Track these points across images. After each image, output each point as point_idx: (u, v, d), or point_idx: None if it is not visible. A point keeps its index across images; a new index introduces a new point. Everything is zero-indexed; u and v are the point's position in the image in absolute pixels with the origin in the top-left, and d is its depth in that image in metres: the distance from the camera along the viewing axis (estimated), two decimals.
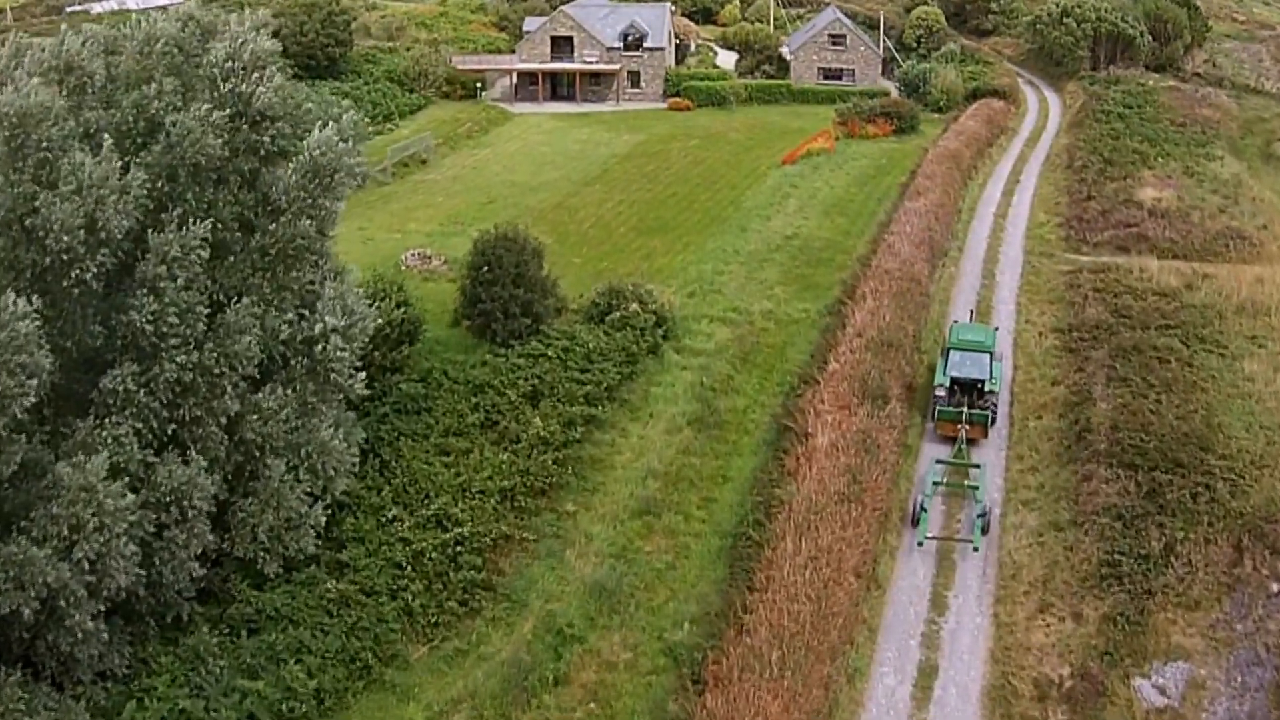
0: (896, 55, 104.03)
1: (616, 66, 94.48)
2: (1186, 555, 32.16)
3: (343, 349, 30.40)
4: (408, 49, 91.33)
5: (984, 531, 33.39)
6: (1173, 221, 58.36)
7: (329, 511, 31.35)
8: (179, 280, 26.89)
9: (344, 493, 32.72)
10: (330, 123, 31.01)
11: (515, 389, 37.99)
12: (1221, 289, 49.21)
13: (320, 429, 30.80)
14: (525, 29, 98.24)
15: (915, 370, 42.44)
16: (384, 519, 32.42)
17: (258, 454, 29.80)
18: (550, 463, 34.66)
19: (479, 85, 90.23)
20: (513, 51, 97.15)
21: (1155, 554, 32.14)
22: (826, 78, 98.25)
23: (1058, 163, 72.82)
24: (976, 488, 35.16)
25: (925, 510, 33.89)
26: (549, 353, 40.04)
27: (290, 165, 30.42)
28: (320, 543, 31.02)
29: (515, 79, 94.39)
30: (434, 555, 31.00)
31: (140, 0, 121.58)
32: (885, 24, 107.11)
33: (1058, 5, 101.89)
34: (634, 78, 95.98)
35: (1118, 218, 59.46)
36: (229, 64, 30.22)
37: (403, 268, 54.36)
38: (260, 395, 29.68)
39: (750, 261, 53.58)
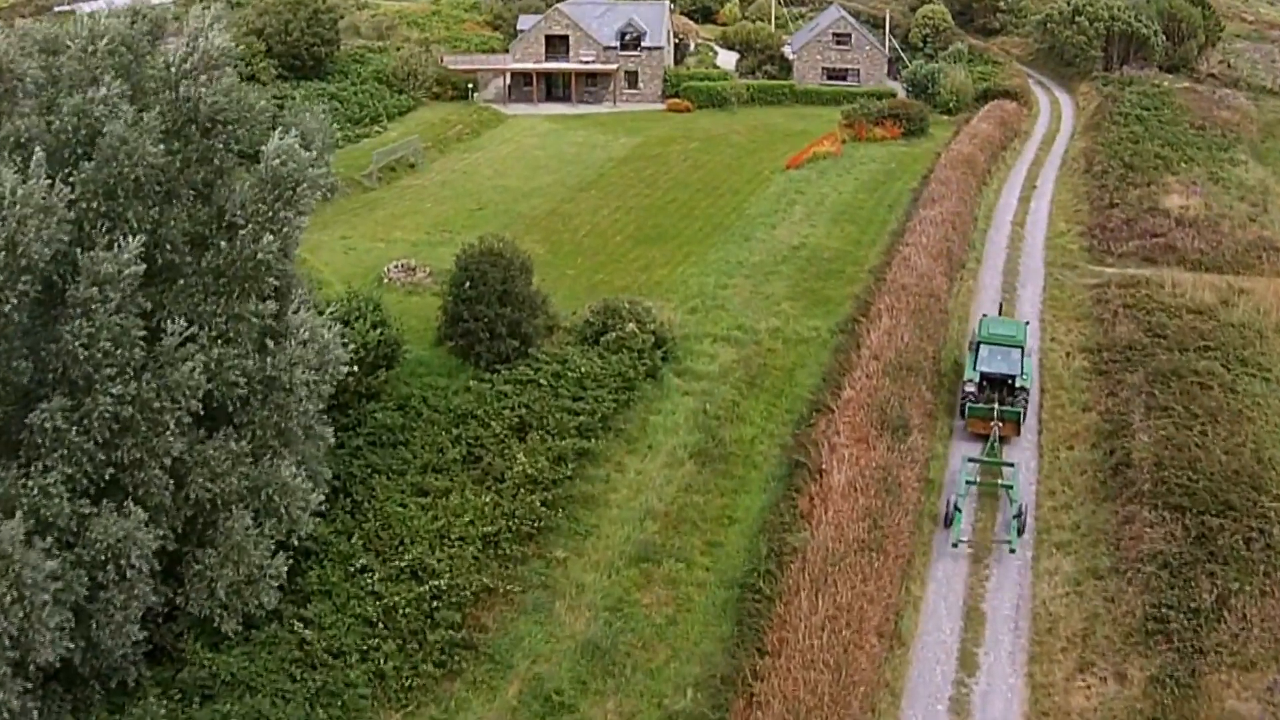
0: (903, 55, 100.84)
1: (613, 66, 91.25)
2: (1240, 609, 29.19)
3: (309, 391, 27.18)
4: (398, 49, 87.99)
5: (1020, 532, 32.09)
6: (1201, 231, 55.21)
7: (292, 560, 28.19)
8: (113, 302, 23.69)
9: (310, 538, 29.57)
10: (292, 128, 27.73)
11: (501, 420, 34.77)
12: (1259, 305, 46.11)
13: (281, 468, 27.61)
14: (519, 28, 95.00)
15: (937, 396, 39.27)
16: (353, 569, 29.26)
17: (211, 504, 26.64)
18: (538, 504, 31.44)
19: (471, 86, 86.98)
20: (506, 51, 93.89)
21: (1206, 607, 29.18)
22: (830, 78, 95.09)
23: (1075, 167, 69.64)
24: (1011, 486, 33.71)
25: (959, 510, 32.44)
26: (538, 378, 36.83)
27: (247, 176, 27.17)
28: (283, 596, 27.87)
29: (509, 79, 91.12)
30: (408, 610, 27.85)
31: (126, 1, 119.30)
32: (890, 23, 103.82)
33: (1069, 4, 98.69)
34: (631, 78, 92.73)
35: (1143, 227, 56.32)
36: (181, 64, 26.96)
37: (385, 280, 51.21)
38: (213, 441, 26.49)
39: (755, 274, 50.37)
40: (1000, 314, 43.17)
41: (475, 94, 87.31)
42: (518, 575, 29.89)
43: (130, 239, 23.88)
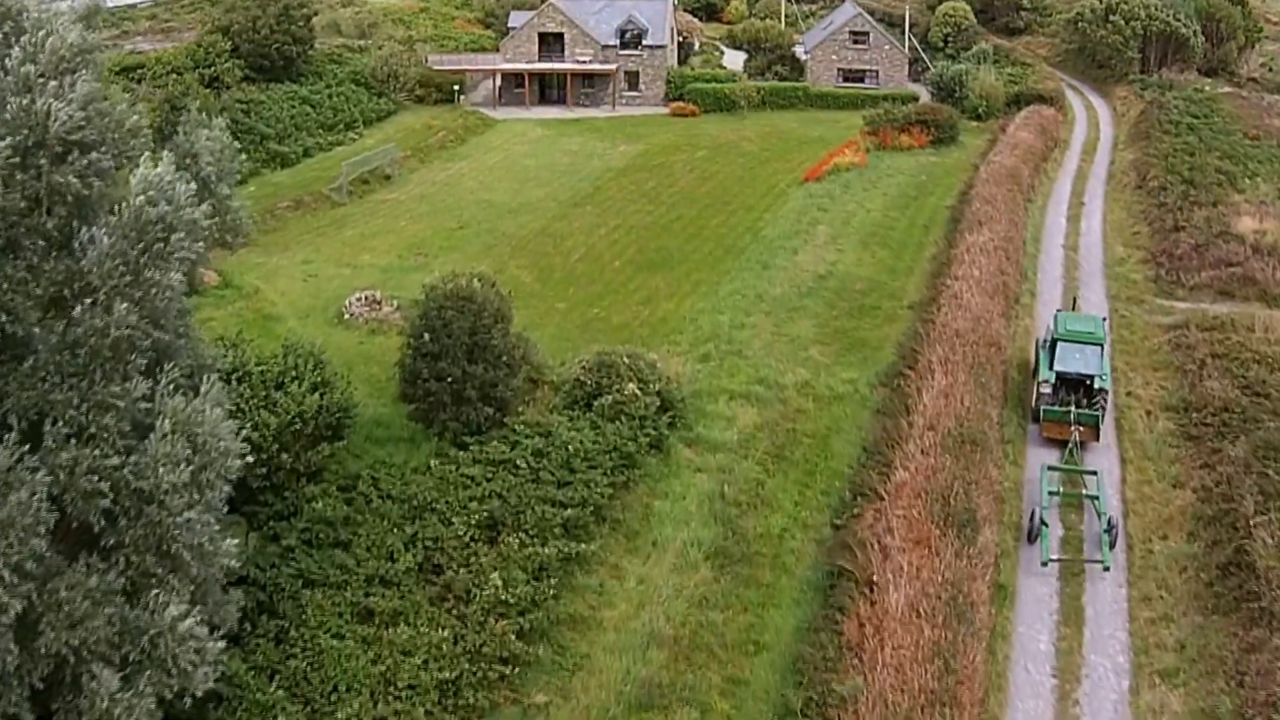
0: (923, 55, 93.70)
1: (612, 67, 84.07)
2: None
3: (188, 499, 20.09)
4: (379, 48, 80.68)
5: (1111, 545, 29.21)
6: None
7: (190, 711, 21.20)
8: None
9: (219, 678, 22.47)
10: (169, 154, 20.66)
11: (466, 516, 27.60)
12: None
13: (170, 607, 20.51)
14: (510, 25, 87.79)
15: (1004, 473, 32.21)
16: None
17: (72, 659, 19.59)
18: (512, 636, 24.30)
19: (457, 89, 79.72)
20: (497, 50, 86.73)
21: None
22: (846, 80, 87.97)
23: (1125, 181, 62.49)
24: (1096, 497, 30.73)
25: (1045, 525, 29.32)
26: (515, 458, 29.64)
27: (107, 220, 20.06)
28: None
29: (499, 81, 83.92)
30: None
31: None
32: (910, 21, 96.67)
33: (1101, 2, 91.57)
34: (632, 79, 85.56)
35: (1215, 254, 49.17)
36: (21, 68, 19.83)
37: (345, 315, 44.11)
38: (70, 575, 19.46)
39: (777, 310, 43.23)
40: (1075, 308, 39.65)
41: (462, 97, 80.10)
42: None
43: None
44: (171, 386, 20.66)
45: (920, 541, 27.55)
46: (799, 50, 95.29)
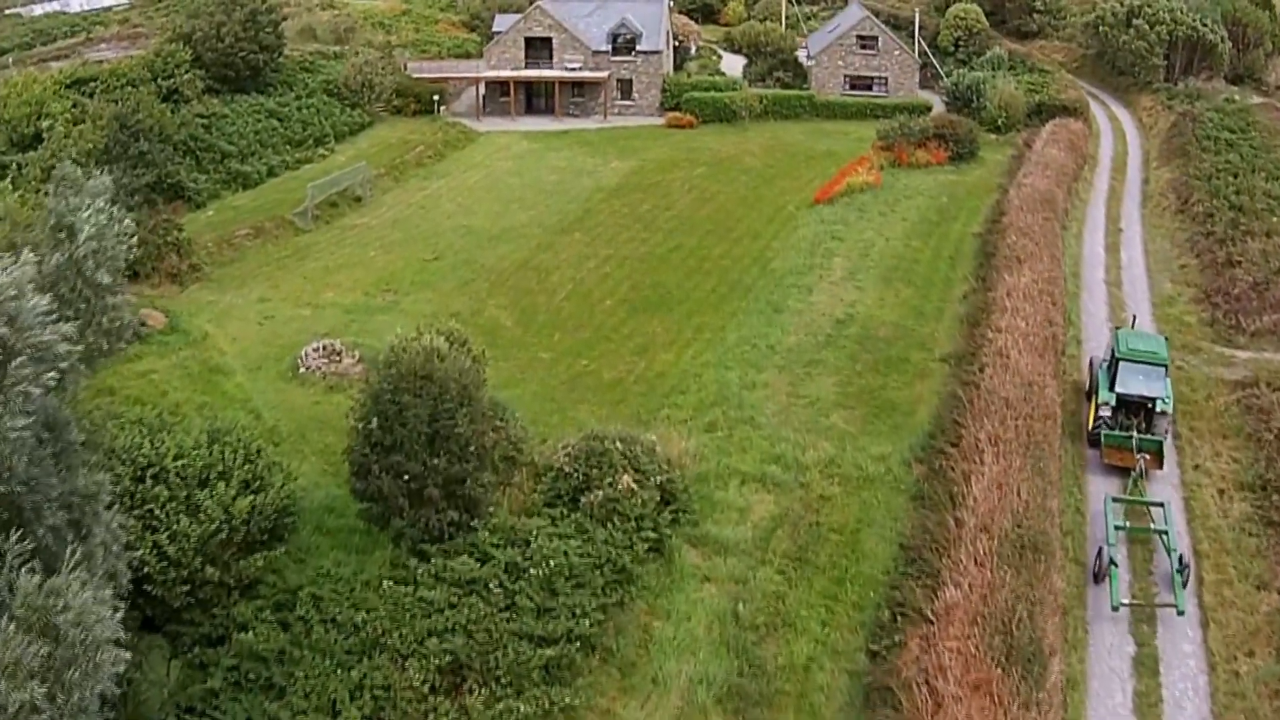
0: (934, 61, 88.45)
1: (604, 74, 78.63)
2: None
3: None
4: (356, 54, 75.03)
5: (1184, 585, 26.87)
6: None
7: None
8: None
9: None
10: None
11: (425, 658, 22.24)
12: None
13: None
14: (495, 29, 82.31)
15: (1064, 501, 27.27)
16: None
17: None
18: None
19: (437, 99, 74.21)
20: (481, 56, 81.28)
21: None
22: (853, 87, 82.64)
23: (1163, 204, 57.23)
24: (1165, 532, 28.44)
25: (1115, 564, 26.97)
26: (486, 577, 24.25)
27: None
28: None
29: (483, 89, 78.45)
30: None
31: (82, 2, 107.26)
32: (919, 25, 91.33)
33: (1122, 4, 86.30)
34: (625, 87, 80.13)
35: (1277, 294, 43.96)
36: None
37: (301, 368, 38.75)
38: None
39: (792, 364, 37.92)
40: (1133, 325, 37.51)
41: (443, 108, 74.57)
42: None
43: None
44: (19, 561, 15.34)
45: (979, 687, 22.30)
46: (802, 55, 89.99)
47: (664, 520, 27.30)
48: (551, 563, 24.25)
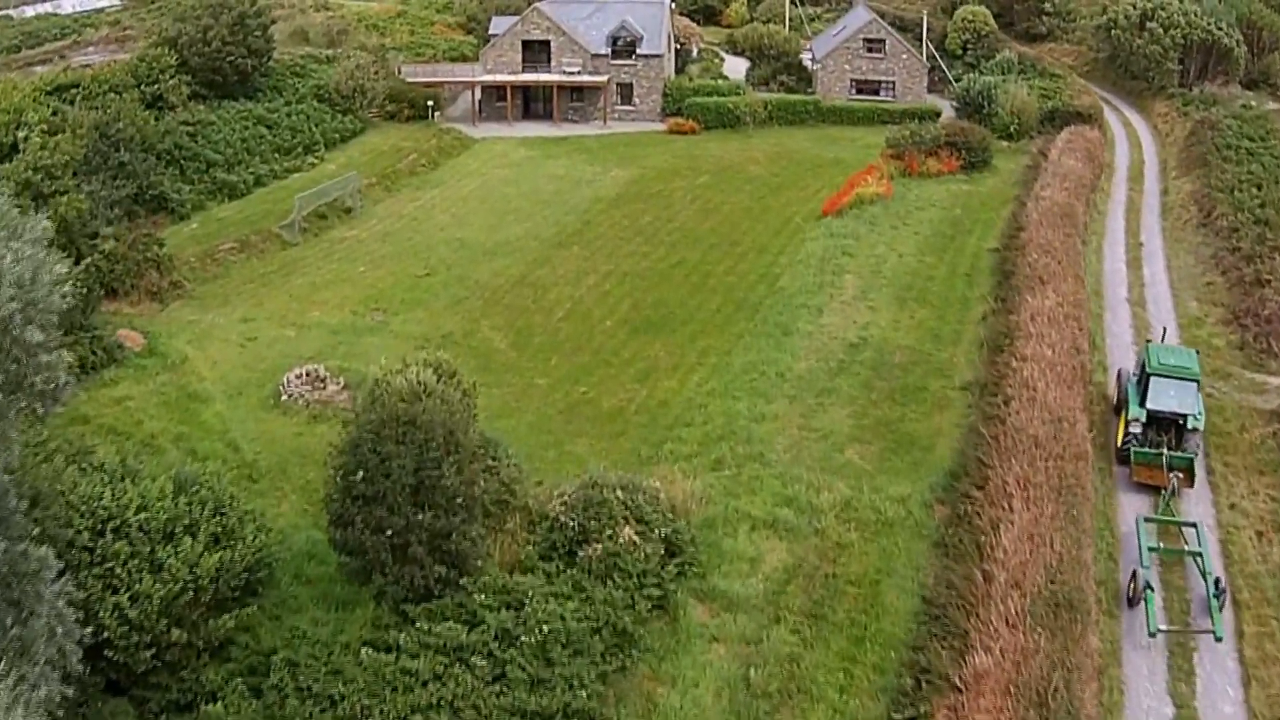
0: (942, 64, 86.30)
1: (603, 78, 76.47)
2: None
3: None
4: (348, 58, 72.74)
5: (1221, 609, 25.80)
6: None
7: None
8: None
9: None
10: None
11: None
12: None
13: None
14: (491, 31, 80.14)
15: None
16: None
17: None
18: None
19: (431, 104, 72.02)
20: (478, 59, 79.10)
21: None
22: (860, 91, 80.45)
23: (1184, 217, 55.08)
24: (1199, 553, 27.37)
25: (1151, 589, 25.72)
26: (474, 644, 22.11)
27: None
28: None
29: (479, 94, 76.29)
30: None
31: (75, 3, 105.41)
32: (926, 27, 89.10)
33: (1135, 8, 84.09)
34: (625, 92, 77.97)
35: None
36: None
37: (283, 396, 36.63)
38: None
39: (803, 392, 35.77)
40: (1163, 339, 36.30)
41: (437, 114, 72.40)
42: None
43: None
44: None
45: None
46: (806, 58, 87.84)
47: (669, 574, 25.19)
48: (546, 628, 22.12)
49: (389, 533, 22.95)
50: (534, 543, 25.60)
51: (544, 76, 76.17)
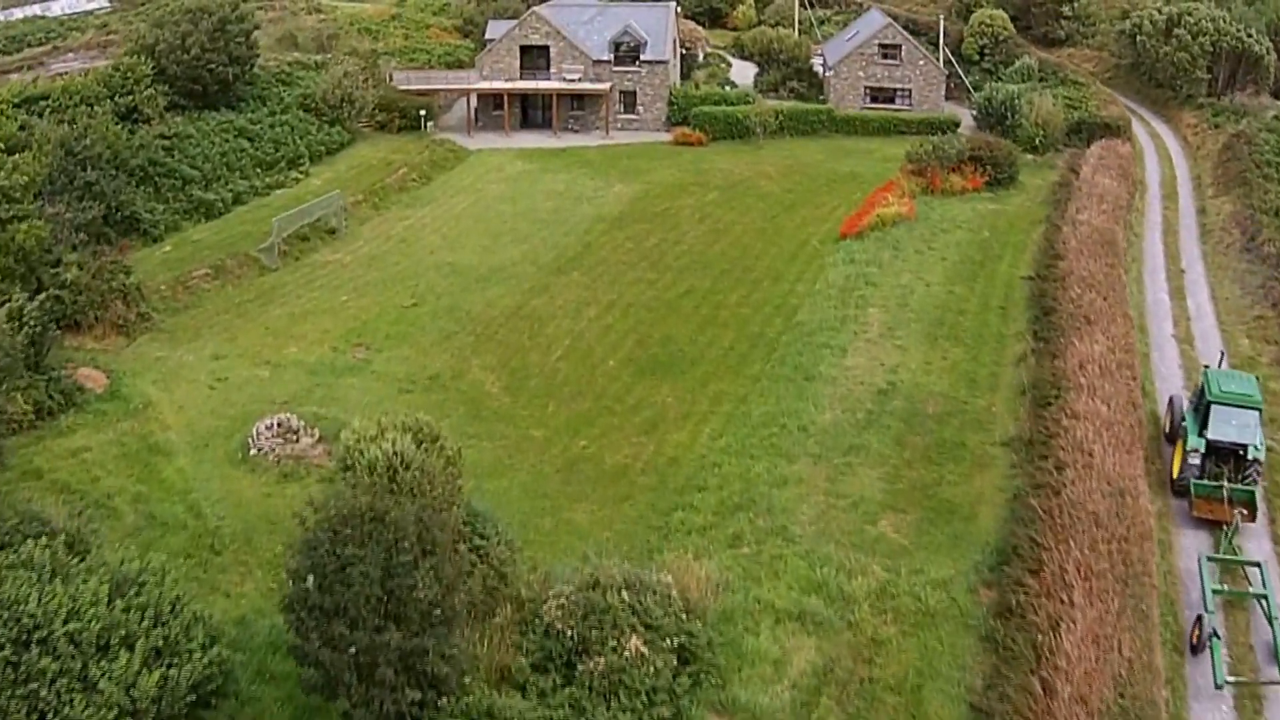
0: (959, 71, 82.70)
1: (605, 86, 72.87)
2: None
3: None
4: (339, 64, 69.06)
5: None
6: None
7: None
8: None
9: None
10: None
11: None
12: None
13: None
14: (488, 36, 76.57)
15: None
16: None
17: None
18: None
19: (423, 114, 68.42)
20: (474, 65, 75.52)
21: None
22: (874, 100, 76.82)
23: (1226, 241, 51.48)
24: (1265, 596, 25.55)
25: (1217, 636, 23.97)
26: None
27: None
28: None
29: (474, 102, 72.71)
30: None
31: (64, 6, 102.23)
32: (944, 31, 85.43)
33: (1160, 13, 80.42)
34: (628, 100, 74.40)
35: None
36: None
37: (253, 449, 33.12)
38: None
39: (828, 450, 32.16)
40: (1221, 364, 34.40)
41: (430, 124, 68.80)
42: None
43: None
44: None
45: None
46: (817, 64, 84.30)
47: (682, 687, 21.64)
48: None
49: (352, 651, 19.41)
50: (526, 648, 22.03)
51: (543, 84, 72.56)
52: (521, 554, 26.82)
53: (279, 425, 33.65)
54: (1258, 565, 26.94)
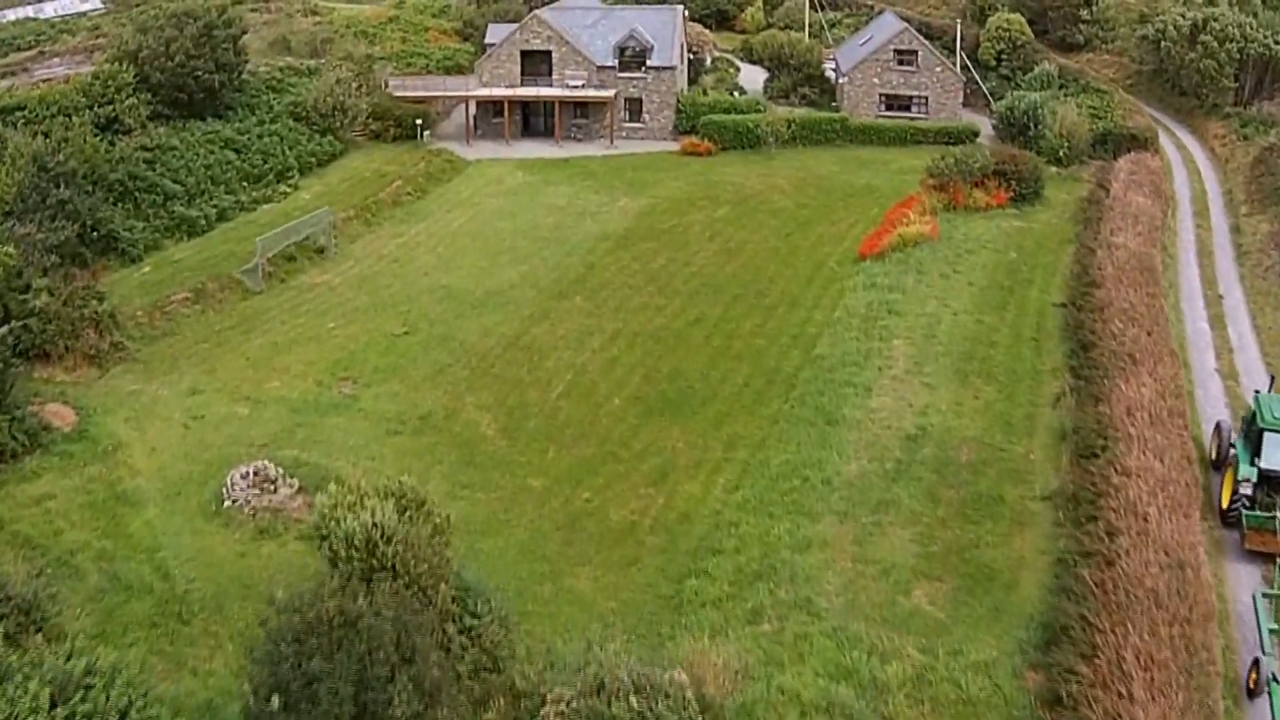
0: (977, 77, 79.85)
1: (610, 93, 70.09)
2: None
3: None
4: (331, 70, 66.32)
5: None
6: None
7: None
8: None
9: None
10: None
11: None
12: None
13: None
14: (488, 40, 73.81)
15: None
16: None
17: None
18: None
19: (419, 123, 65.67)
20: (473, 70, 72.76)
21: None
22: (889, 108, 74.00)
23: (1265, 264, 48.60)
24: None
25: (1276, 680, 21.92)
26: None
27: None
28: None
29: (473, 109, 69.97)
30: None
31: (55, 8, 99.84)
32: (960, 36, 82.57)
33: (1184, 18, 77.50)
34: (634, 108, 71.62)
35: None
36: None
37: (227, 500, 30.42)
38: None
39: (855, 506, 29.39)
40: (1271, 387, 32.22)
41: (427, 133, 66.04)
42: None
43: None
44: None
45: None
46: (829, 69, 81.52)
47: None
48: None
49: None
50: None
51: (545, 90, 69.84)
52: (518, 629, 24.24)
53: (255, 474, 30.91)
54: None
